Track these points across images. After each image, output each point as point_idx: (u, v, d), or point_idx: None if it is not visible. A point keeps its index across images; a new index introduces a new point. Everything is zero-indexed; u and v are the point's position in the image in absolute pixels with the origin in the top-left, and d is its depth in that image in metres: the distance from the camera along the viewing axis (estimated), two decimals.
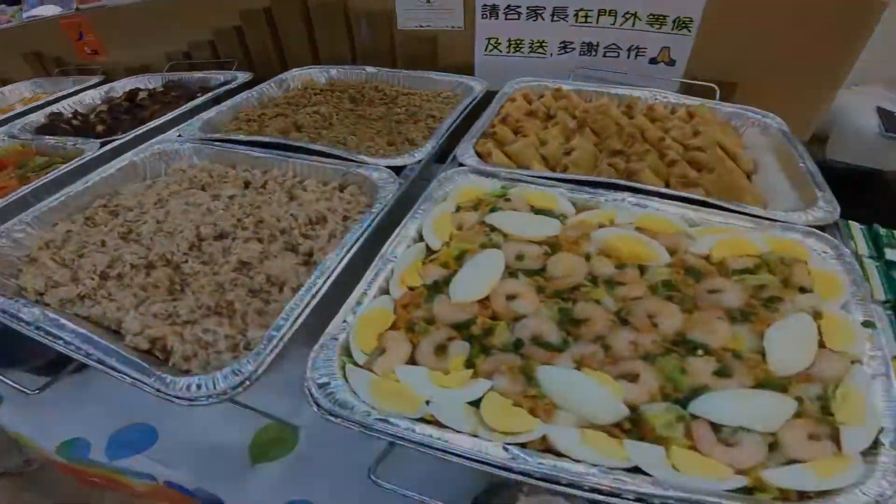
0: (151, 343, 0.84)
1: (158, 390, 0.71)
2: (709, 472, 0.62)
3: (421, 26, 1.82)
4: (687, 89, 1.54)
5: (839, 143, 3.52)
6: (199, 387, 0.71)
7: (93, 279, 0.97)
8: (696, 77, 1.55)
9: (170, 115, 1.58)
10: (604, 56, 1.65)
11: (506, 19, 1.68)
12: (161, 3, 2.08)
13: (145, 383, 0.72)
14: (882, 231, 1.29)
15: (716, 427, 0.66)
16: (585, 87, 1.54)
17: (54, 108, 1.84)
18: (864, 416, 0.66)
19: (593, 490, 0.60)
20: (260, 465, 1.08)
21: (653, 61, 1.60)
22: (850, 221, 1.30)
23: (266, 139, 1.36)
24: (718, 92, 1.45)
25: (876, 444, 0.64)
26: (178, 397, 0.70)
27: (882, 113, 3.15)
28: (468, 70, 1.81)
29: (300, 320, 0.79)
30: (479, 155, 1.20)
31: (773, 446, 0.65)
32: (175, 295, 0.95)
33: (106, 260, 1.00)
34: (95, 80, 2.12)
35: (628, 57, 1.63)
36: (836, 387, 0.70)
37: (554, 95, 1.49)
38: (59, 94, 1.97)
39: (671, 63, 1.58)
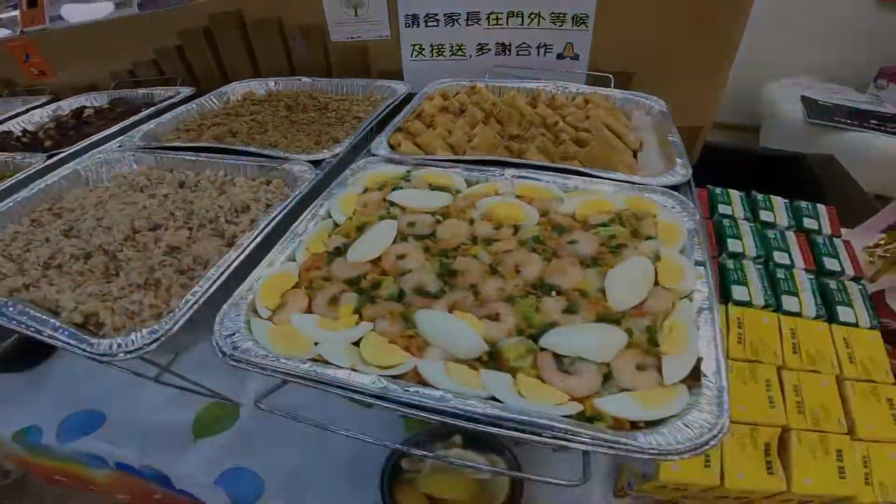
0: (86, 318, 0.92)
1: (84, 350, 0.80)
2: (548, 399, 0.68)
3: (352, 38, 1.93)
4: (592, 80, 1.69)
5: (769, 131, 3.75)
6: (118, 345, 0.79)
7: (36, 269, 1.06)
8: (598, 69, 1.69)
9: (113, 129, 1.66)
10: (517, 55, 1.79)
11: (426, 26, 1.80)
12: (102, 25, 2.16)
13: (74, 346, 0.81)
14: (760, 197, 1.44)
15: (560, 358, 0.72)
16: (500, 83, 1.67)
17: (4, 127, 1.91)
18: (686, 346, 0.71)
19: (454, 415, 0.65)
20: (202, 439, 1.16)
21: (560, 56, 1.74)
22: (729, 190, 1.45)
23: (199, 144, 1.45)
24: (613, 81, 1.59)
25: (699, 375, 0.68)
26: (101, 354, 0.79)
27: (806, 101, 3.37)
28: (398, 75, 1.93)
29: (215, 286, 0.89)
30: (390, 146, 1.30)
31: (608, 377, 0.71)
32: (110, 278, 1.04)
33: (48, 252, 1.09)
34: (44, 99, 2.18)
35: (538, 54, 1.76)
36: (663, 319, 0.76)
37: (467, 92, 1.62)
38: (8, 114, 2.03)
39: (576, 57, 1.72)
